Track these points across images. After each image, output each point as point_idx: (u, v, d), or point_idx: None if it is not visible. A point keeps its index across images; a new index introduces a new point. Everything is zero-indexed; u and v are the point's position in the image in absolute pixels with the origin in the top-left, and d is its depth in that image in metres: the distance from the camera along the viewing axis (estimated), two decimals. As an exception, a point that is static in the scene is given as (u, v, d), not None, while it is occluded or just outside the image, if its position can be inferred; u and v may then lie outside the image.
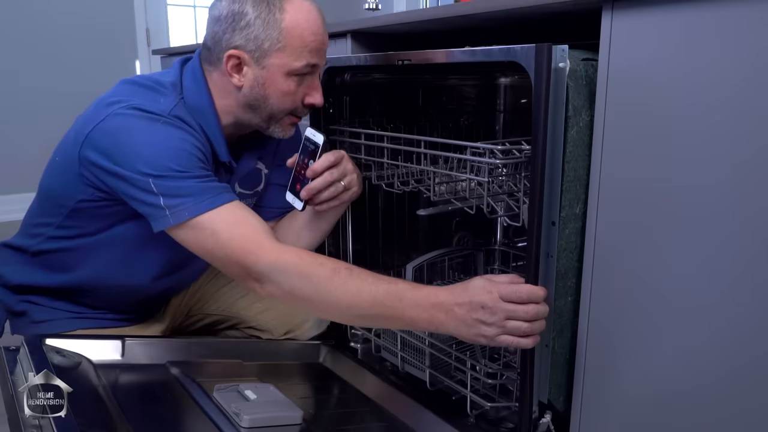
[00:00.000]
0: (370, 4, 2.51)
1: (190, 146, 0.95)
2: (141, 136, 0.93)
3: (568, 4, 0.83)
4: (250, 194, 1.17)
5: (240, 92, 1.01)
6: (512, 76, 1.45)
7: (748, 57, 0.66)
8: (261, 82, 0.99)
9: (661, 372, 0.78)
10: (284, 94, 1.00)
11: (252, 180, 1.16)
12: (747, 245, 0.68)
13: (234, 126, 1.06)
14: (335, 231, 1.30)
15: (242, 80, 0.99)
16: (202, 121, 1.01)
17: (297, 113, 1.05)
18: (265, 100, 1.01)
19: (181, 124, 0.97)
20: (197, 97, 1.01)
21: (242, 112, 1.03)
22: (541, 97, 0.79)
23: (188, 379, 1.03)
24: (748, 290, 0.69)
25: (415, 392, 1.09)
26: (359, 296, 0.86)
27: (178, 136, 0.95)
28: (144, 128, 0.94)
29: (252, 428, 0.90)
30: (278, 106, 1.01)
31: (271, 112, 1.02)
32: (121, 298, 1.15)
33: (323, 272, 0.88)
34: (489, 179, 0.91)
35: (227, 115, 1.04)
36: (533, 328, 0.81)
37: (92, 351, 1.04)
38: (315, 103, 1.04)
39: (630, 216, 0.78)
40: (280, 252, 0.91)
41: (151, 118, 0.95)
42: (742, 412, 0.71)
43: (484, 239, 1.57)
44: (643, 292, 0.79)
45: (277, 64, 0.97)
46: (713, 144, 0.70)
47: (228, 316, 1.29)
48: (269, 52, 0.97)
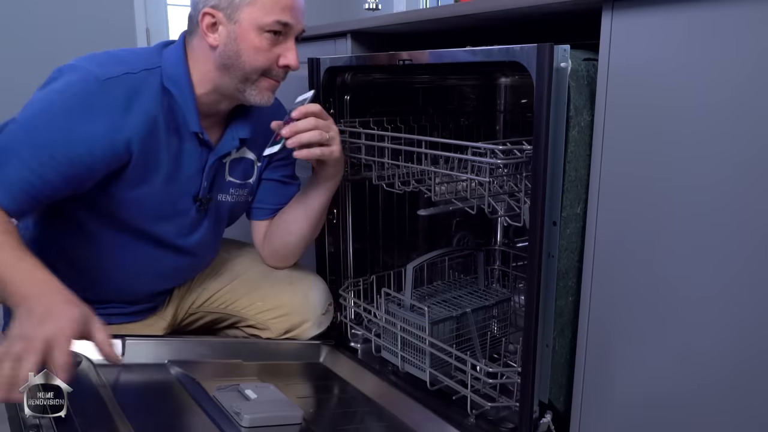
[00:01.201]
0: (370, 4, 2.50)
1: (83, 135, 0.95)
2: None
3: (568, 4, 0.83)
4: (239, 183, 1.17)
5: (216, 52, 1.02)
6: (513, 76, 1.45)
7: (750, 57, 0.66)
8: (233, 37, 1.01)
9: (661, 372, 0.78)
10: (256, 49, 1.01)
11: (244, 170, 1.17)
12: (747, 245, 0.68)
13: (213, 95, 1.06)
14: (336, 231, 1.30)
15: (217, 39, 1.01)
16: (175, 89, 1.02)
17: (273, 75, 1.05)
18: (238, 57, 1.01)
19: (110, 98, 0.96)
20: (174, 67, 1.03)
21: (218, 76, 1.04)
22: (543, 96, 0.79)
23: (189, 379, 1.03)
24: (749, 290, 0.69)
25: (415, 392, 1.09)
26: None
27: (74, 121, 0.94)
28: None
29: (252, 428, 0.90)
30: (251, 63, 1.02)
31: (245, 70, 1.03)
32: (116, 288, 1.14)
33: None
34: (490, 179, 0.91)
35: (205, 83, 1.05)
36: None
37: (93, 350, 1.03)
38: (290, 63, 1.04)
39: (630, 216, 0.78)
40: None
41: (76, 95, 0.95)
42: (742, 412, 0.71)
43: (484, 239, 1.57)
44: (643, 292, 0.79)
45: (248, 18, 1.00)
46: (714, 143, 0.70)
47: (228, 314, 1.29)
48: (240, 7, 1.00)
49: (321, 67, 1.21)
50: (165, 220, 1.09)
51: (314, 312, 1.25)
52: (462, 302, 1.21)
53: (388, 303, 1.19)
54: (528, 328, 0.88)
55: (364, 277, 1.33)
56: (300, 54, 1.48)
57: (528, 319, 0.88)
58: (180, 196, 1.09)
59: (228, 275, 1.28)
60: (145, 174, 1.02)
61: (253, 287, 1.26)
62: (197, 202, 1.10)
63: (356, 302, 1.29)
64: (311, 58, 1.22)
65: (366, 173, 1.21)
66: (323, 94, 1.22)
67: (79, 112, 0.95)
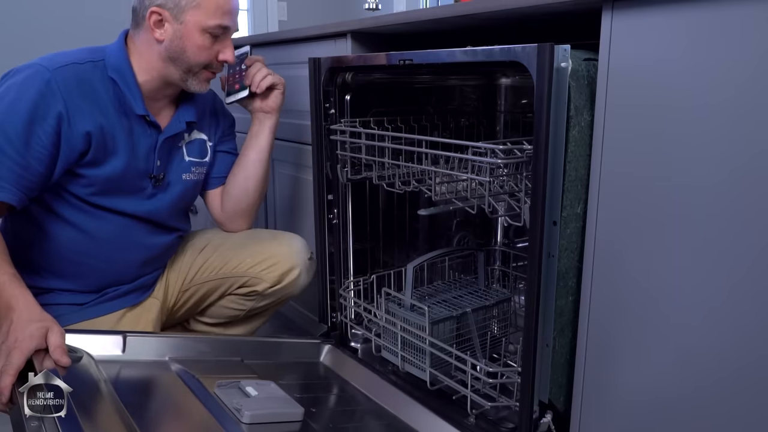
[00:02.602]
0: (370, 4, 2.51)
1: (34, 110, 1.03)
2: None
3: (568, 4, 0.83)
4: (197, 161, 1.31)
5: (161, 46, 1.15)
6: (513, 77, 1.45)
7: (753, 57, 0.65)
8: (179, 35, 1.14)
9: (661, 372, 0.78)
10: (200, 48, 1.15)
11: (199, 149, 1.31)
12: (747, 245, 0.68)
13: (157, 81, 1.18)
14: (336, 231, 1.30)
15: (163, 35, 1.14)
16: (119, 77, 1.13)
17: (212, 68, 1.21)
18: (183, 52, 1.15)
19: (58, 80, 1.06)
20: (116, 58, 1.15)
21: (164, 67, 1.16)
22: (543, 96, 0.79)
23: (189, 375, 1.04)
24: (749, 290, 0.69)
25: (415, 392, 1.09)
26: None
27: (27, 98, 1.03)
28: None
29: (253, 424, 0.90)
30: (195, 58, 1.16)
31: (189, 64, 1.16)
32: (107, 267, 1.21)
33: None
34: (490, 179, 0.91)
35: (149, 71, 1.16)
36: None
37: (94, 346, 1.04)
38: (227, 59, 1.20)
39: (630, 216, 0.79)
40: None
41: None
42: (742, 412, 0.71)
43: (484, 239, 1.57)
44: (643, 292, 0.79)
45: (193, 21, 1.13)
46: (714, 144, 0.70)
47: (221, 278, 1.34)
48: (186, 9, 1.12)
49: (321, 66, 1.21)
50: (127, 195, 1.19)
51: (300, 256, 1.34)
52: (462, 302, 1.21)
53: (389, 303, 1.19)
54: (528, 328, 0.88)
55: (365, 276, 1.33)
56: (300, 54, 1.49)
57: (528, 319, 0.88)
58: (138, 174, 1.19)
59: (211, 246, 1.36)
60: (105, 155, 1.12)
61: (239, 248, 1.34)
62: (152, 179, 1.21)
63: (356, 302, 1.29)
64: (312, 58, 1.22)
65: (366, 173, 1.21)
66: (324, 94, 1.22)
67: (40, 101, 1.04)
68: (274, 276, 1.32)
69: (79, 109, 1.07)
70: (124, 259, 1.22)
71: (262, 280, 1.32)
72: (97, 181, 1.13)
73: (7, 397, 0.84)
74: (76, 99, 1.07)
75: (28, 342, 0.88)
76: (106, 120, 1.11)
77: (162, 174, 1.22)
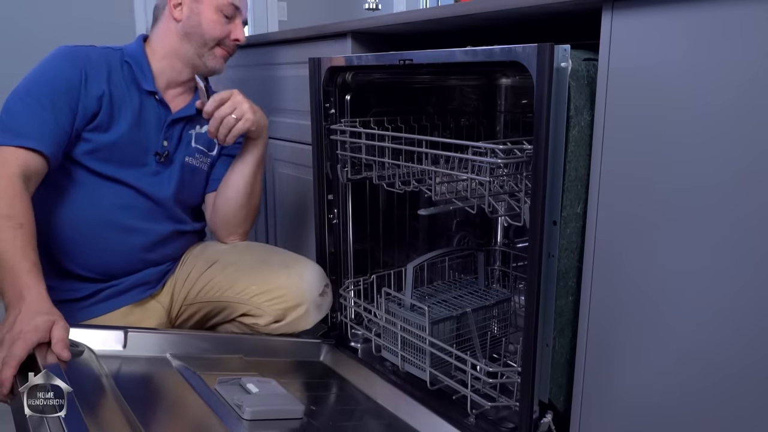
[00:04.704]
0: (370, 4, 2.51)
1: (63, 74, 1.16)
2: None
3: (568, 4, 0.83)
4: (203, 151, 1.35)
5: (179, 25, 1.28)
6: (513, 77, 1.45)
7: (756, 58, 0.65)
8: (196, 12, 1.27)
9: (661, 372, 0.78)
10: (214, 22, 1.28)
11: (209, 142, 1.35)
12: (748, 246, 0.68)
13: (173, 63, 1.29)
14: (336, 231, 1.30)
15: (181, 14, 1.27)
16: (133, 61, 1.26)
17: (226, 46, 1.31)
18: (199, 26, 1.27)
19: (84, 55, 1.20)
20: (133, 49, 1.28)
21: (180, 45, 1.28)
22: (543, 96, 0.79)
23: (190, 372, 1.04)
24: (749, 290, 0.69)
25: (415, 391, 1.09)
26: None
27: (54, 67, 1.17)
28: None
29: (254, 420, 0.90)
30: (210, 32, 1.28)
31: (204, 38, 1.28)
32: (110, 255, 1.24)
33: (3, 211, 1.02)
34: (490, 179, 0.91)
35: (165, 55, 1.29)
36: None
37: (95, 341, 1.04)
38: (239, 38, 1.31)
39: (630, 216, 0.79)
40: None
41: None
42: (743, 414, 0.71)
43: (484, 239, 1.57)
44: (643, 292, 0.79)
45: (208, 0, 1.27)
46: (715, 145, 0.70)
47: (224, 302, 1.27)
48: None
49: (321, 66, 1.21)
50: (131, 167, 1.24)
51: (310, 292, 1.23)
52: (462, 302, 1.21)
53: (389, 303, 1.19)
54: (528, 328, 0.88)
55: (365, 276, 1.33)
56: (300, 54, 1.49)
57: (528, 319, 0.88)
58: (142, 148, 1.25)
59: (220, 264, 1.30)
60: (110, 121, 1.20)
61: (248, 272, 1.26)
62: (156, 156, 1.26)
63: (356, 302, 1.29)
64: (312, 58, 1.22)
65: (366, 173, 1.21)
66: (324, 94, 1.22)
67: (65, 65, 1.18)
68: (277, 310, 1.22)
69: (95, 75, 1.19)
70: (121, 240, 1.23)
71: (264, 312, 1.22)
72: (101, 146, 1.19)
73: (8, 388, 0.84)
74: (94, 66, 1.20)
75: (32, 334, 0.88)
76: (117, 89, 1.21)
77: (167, 153, 1.27)
